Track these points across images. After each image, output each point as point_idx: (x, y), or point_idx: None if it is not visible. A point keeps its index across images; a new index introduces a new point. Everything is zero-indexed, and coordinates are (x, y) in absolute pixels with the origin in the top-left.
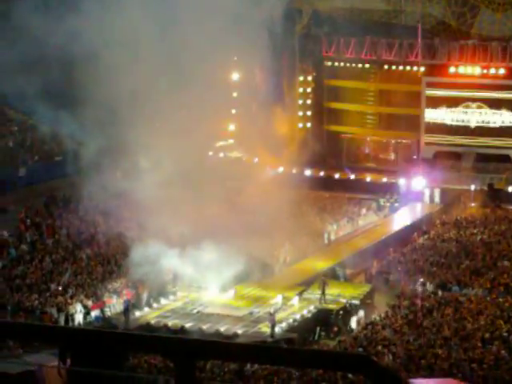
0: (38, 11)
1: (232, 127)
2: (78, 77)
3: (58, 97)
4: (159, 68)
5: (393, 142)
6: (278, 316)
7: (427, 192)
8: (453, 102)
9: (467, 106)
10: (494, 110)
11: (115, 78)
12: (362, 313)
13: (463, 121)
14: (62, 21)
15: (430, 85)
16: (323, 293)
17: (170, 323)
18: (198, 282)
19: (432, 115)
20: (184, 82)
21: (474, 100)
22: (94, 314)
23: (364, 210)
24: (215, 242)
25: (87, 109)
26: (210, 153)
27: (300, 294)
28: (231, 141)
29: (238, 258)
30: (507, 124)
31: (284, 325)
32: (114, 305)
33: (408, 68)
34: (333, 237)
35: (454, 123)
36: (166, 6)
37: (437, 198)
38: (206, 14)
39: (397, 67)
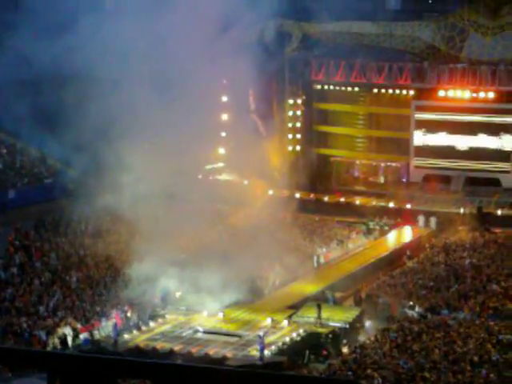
0: (29, 35)
1: (222, 150)
2: (68, 98)
3: (48, 119)
4: (148, 90)
5: (382, 165)
6: (268, 339)
7: (422, 218)
8: (442, 126)
9: (457, 130)
10: (483, 134)
11: (105, 99)
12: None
13: (452, 144)
14: (51, 43)
15: (420, 108)
16: (319, 316)
17: (159, 346)
18: (187, 305)
19: (421, 138)
20: (173, 105)
21: (463, 124)
22: (83, 336)
23: (353, 233)
24: (205, 265)
25: (77, 131)
26: (200, 176)
27: (289, 317)
28: (221, 164)
29: (227, 280)
30: (497, 147)
31: (273, 348)
32: (103, 327)
33: (397, 91)
34: (322, 260)
35: (444, 147)
36: (155, 27)
37: (433, 225)
38: (196, 35)
39: (386, 91)
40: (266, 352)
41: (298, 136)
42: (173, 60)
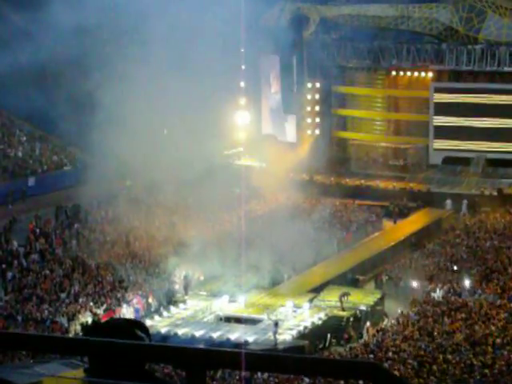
0: (49, 22)
1: (241, 135)
2: (87, 85)
3: (66, 106)
4: (166, 75)
5: (401, 147)
6: (288, 324)
7: (449, 202)
8: (461, 107)
9: (476, 111)
10: (503, 115)
11: (124, 87)
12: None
13: (472, 126)
14: (70, 30)
15: (439, 90)
16: (342, 307)
17: (181, 332)
18: (209, 290)
19: (440, 120)
20: (191, 89)
21: (482, 105)
22: None
23: (373, 216)
24: (225, 250)
25: (96, 117)
26: (218, 161)
27: (310, 300)
28: (241, 149)
29: (247, 265)
30: None
31: (294, 332)
32: (124, 314)
33: (416, 74)
34: (342, 243)
35: (463, 128)
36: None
37: (464, 209)
38: (214, 18)
39: (405, 73)
40: (288, 336)
41: (317, 120)
42: (190, 44)
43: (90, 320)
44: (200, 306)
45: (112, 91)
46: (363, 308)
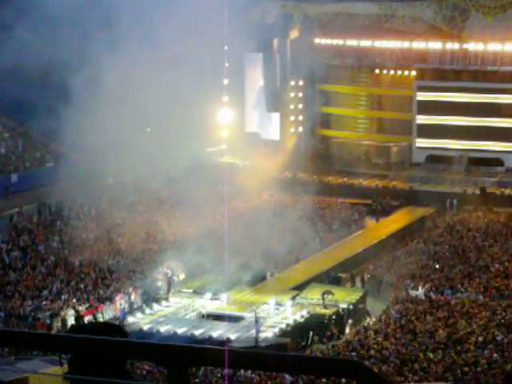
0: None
1: (224, 133)
2: (70, 82)
3: (51, 102)
4: (149, 73)
5: (385, 146)
6: (271, 321)
7: (449, 201)
8: (444, 106)
9: (459, 110)
10: (485, 114)
11: (107, 84)
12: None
13: (455, 124)
14: (56, 30)
15: (422, 89)
16: (324, 305)
17: (163, 329)
18: (191, 288)
19: (423, 119)
20: (175, 87)
21: (466, 104)
22: (87, 319)
23: (356, 214)
24: (208, 247)
25: (79, 115)
26: (202, 158)
27: (293, 298)
28: (224, 146)
29: (230, 263)
30: (499, 127)
31: (277, 330)
32: (107, 310)
33: (399, 72)
34: (325, 241)
35: (446, 127)
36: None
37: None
38: (198, 16)
39: (388, 71)
40: (270, 334)
41: (300, 117)
42: (173, 42)
43: (72, 317)
44: (182, 303)
45: (95, 89)
46: (345, 306)
